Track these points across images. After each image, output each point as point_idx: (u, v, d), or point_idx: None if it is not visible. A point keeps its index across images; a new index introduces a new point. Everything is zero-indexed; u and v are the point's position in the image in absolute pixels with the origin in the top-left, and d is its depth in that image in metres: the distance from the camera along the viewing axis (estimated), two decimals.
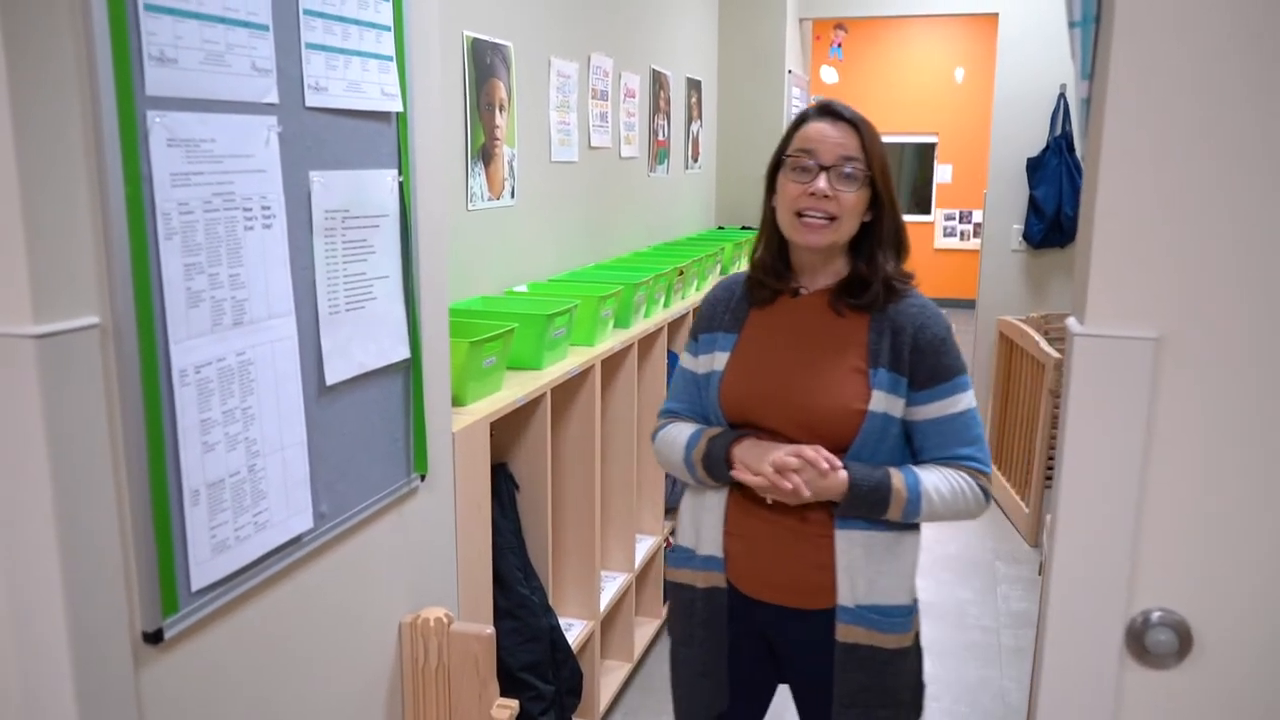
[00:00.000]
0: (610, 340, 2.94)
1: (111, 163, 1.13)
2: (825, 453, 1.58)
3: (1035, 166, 5.50)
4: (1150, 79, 1.10)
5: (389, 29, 1.65)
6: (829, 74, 9.51)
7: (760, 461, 1.61)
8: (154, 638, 1.24)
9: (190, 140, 1.24)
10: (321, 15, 1.48)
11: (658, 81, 4.38)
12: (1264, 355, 1.11)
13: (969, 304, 6.54)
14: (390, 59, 1.66)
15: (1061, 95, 5.40)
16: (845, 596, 1.64)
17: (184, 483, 1.27)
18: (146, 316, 1.19)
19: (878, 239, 1.67)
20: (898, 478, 1.61)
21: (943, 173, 11.23)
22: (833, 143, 1.61)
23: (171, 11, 1.20)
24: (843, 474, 1.58)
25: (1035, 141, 5.50)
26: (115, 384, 1.17)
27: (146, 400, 1.20)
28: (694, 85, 5.00)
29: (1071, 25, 1.24)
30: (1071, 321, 1.20)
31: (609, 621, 3.17)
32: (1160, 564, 1.18)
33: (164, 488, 1.24)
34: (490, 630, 1.81)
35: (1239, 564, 1.16)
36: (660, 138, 4.46)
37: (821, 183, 1.60)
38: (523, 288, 3.05)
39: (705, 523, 1.73)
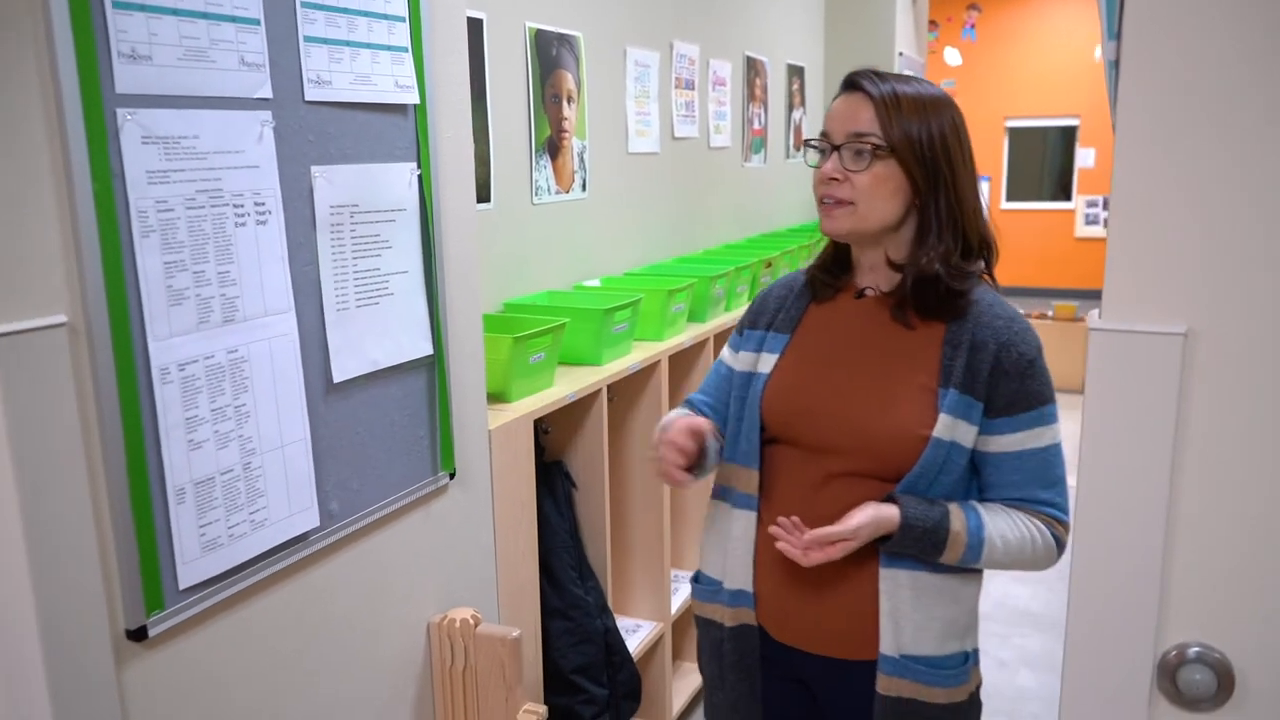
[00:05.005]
0: (683, 335, 2.86)
1: (77, 161, 1.13)
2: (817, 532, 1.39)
3: None
4: (1174, 37, 0.95)
5: (403, 19, 1.62)
6: (952, 55, 9.11)
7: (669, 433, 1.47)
8: (137, 635, 1.25)
9: (168, 137, 1.24)
10: (322, 8, 1.46)
11: (752, 68, 4.25)
12: None
13: None
14: (405, 50, 1.63)
15: None
16: (888, 645, 1.43)
17: (168, 481, 1.27)
18: (121, 315, 1.19)
19: (921, 228, 1.45)
20: (958, 518, 1.40)
21: (1085, 157, 10.61)
22: (842, 118, 1.44)
23: (144, 8, 1.19)
24: (894, 510, 1.38)
25: None
26: (89, 382, 1.17)
27: (123, 399, 1.20)
28: (795, 72, 4.85)
29: None
30: (1092, 315, 1.06)
31: (686, 622, 3.10)
32: (1195, 592, 1.03)
33: (145, 486, 1.24)
34: (516, 633, 1.77)
35: None
36: (756, 126, 4.34)
37: (828, 164, 1.44)
38: (595, 282, 3.00)
39: (732, 552, 1.54)
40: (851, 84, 1.46)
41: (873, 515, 1.37)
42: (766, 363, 1.55)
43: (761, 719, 1.58)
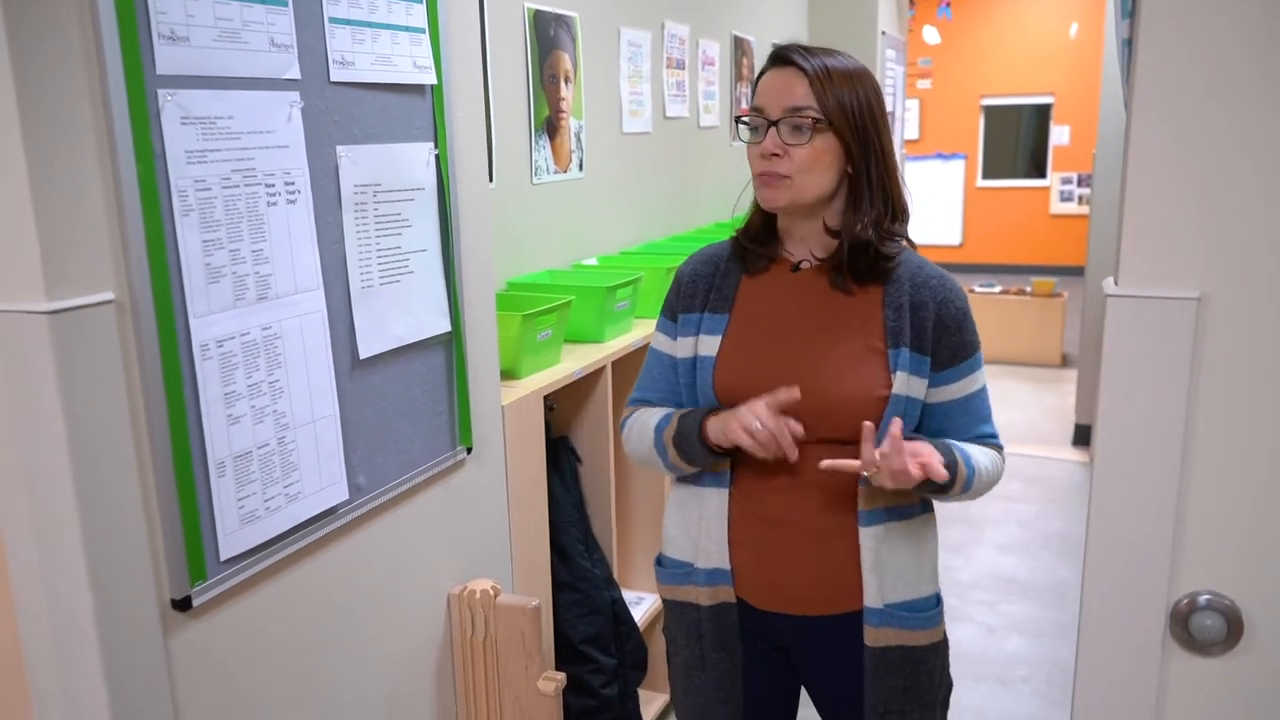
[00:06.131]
0: None
1: (122, 142, 1.15)
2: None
3: None
4: (1187, 15, 1.00)
5: (420, 1, 1.64)
6: (930, 34, 9.17)
7: (746, 415, 1.43)
8: (182, 605, 1.28)
9: (205, 118, 1.26)
10: None
11: (739, 48, 4.29)
12: None
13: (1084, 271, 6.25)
14: (422, 31, 1.65)
15: None
16: (872, 597, 1.50)
17: (209, 455, 1.30)
18: (164, 292, 1.22)
19: (853, 195, 1.49)
20: (954, 450, 1.47)
21: (1059, 134, 10.73)
22: (776, 93, 1.45)
23: None
24: (929, 445, 1.43)
25: None
26: (134, 359, 1.20)
27: (166, 374, 1.23)
28: None
29: None
30: (1108, 282, 1.11)
31: None
32: (1207, 543, 1.09)
33: (188, 460, 1.27)
34: (536, 603, 1.82)
35: None
36: (744, 105, 4.37)
37: (768, 140, 1.45)
38: (592, 261, 3.04)
39: (704, 532, 1.57)
40: (783, 59, 1.48)
41: (930, 447, 1.42)
42: (709, 345, 1.55)
43: (743, 692, 1.61)
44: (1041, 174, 10.96)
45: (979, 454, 1.51)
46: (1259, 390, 1.04)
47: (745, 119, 1.50)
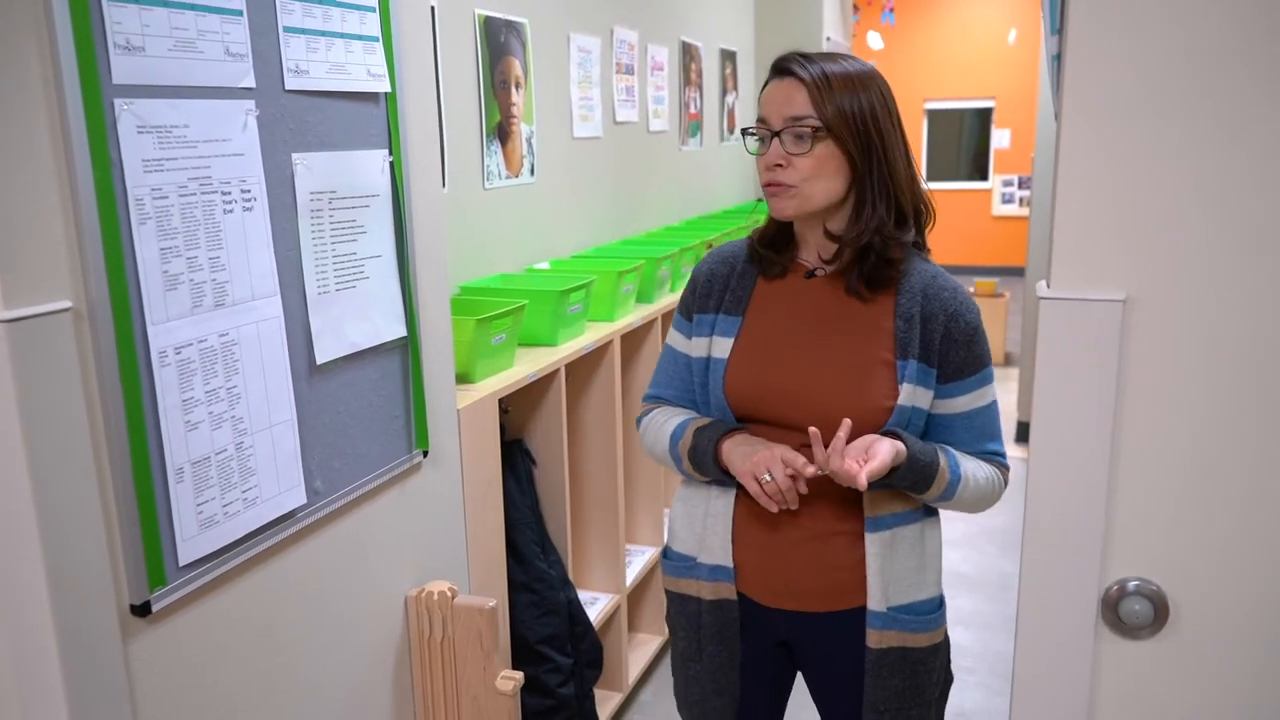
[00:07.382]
0: (632, 315, 2.94)
1: (79, 151, 1.16)
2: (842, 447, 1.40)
3: None
4: (1112, 33, 1.06)
5: (373, 9, 1.66)
6: (875, 40, 9.32)
7: (760, 465, 1.46)
8: (141, 610, 1.29)
9: (162, 126, 1.27)
10: None
11: (688, 53, 4.34)
12: (1234, 316, 1.07)
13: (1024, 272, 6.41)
14: (375, 39, 1.67)
15: None
16: (876, 601, 1.52)
17: (167, 460, 1.30)
18: (122, 300, 1.23)
19: (859, 200, 1.50)
20: (942, 456, 1.49)
21: (1000, 137, 10.97)
22: (777, 103, 1.48)
23: (137, 0, 1.22)
24: (898, 443, 1.43)
25: None
26: (92, 366, 1.20)
27: (125, 381, 1.23)
28: (728, 56, 4.95)
29: None
30: (1040, 285, 1.17)
31: (639, 595, 3.19)
32: (1135, 532, 1.15)
33: (146, 465, 1.28)
34: (493, 603, 1.84)
35: (1215, 531, 1.12)
36: (692, 110, 4.43)
37: (771, 151, 1.48)
38: (545, 265, 3.06)
39: (710, 529, 1.59)
40: (782, 69, 1.50)
41: (890, 447, 1.42)
42: (722, 347, 1.57)
43: (739, 685, 1.63)
44: (983, 176, 11.18)
45: (973, 465, 1.53)
46: (1181, 386, 1.10)
47: (752, 130, 1.52)
